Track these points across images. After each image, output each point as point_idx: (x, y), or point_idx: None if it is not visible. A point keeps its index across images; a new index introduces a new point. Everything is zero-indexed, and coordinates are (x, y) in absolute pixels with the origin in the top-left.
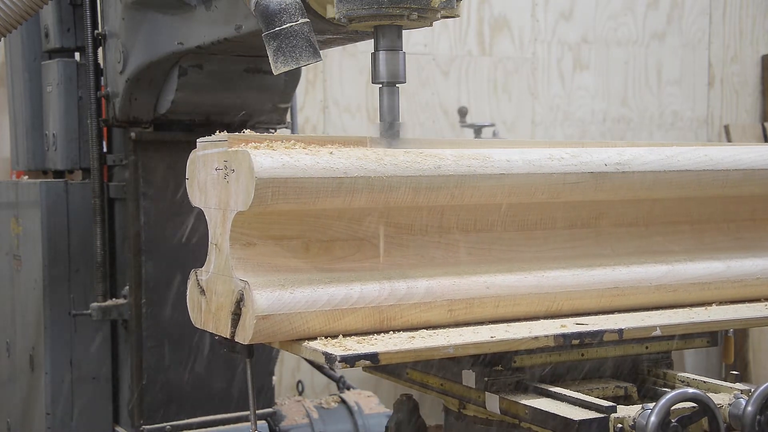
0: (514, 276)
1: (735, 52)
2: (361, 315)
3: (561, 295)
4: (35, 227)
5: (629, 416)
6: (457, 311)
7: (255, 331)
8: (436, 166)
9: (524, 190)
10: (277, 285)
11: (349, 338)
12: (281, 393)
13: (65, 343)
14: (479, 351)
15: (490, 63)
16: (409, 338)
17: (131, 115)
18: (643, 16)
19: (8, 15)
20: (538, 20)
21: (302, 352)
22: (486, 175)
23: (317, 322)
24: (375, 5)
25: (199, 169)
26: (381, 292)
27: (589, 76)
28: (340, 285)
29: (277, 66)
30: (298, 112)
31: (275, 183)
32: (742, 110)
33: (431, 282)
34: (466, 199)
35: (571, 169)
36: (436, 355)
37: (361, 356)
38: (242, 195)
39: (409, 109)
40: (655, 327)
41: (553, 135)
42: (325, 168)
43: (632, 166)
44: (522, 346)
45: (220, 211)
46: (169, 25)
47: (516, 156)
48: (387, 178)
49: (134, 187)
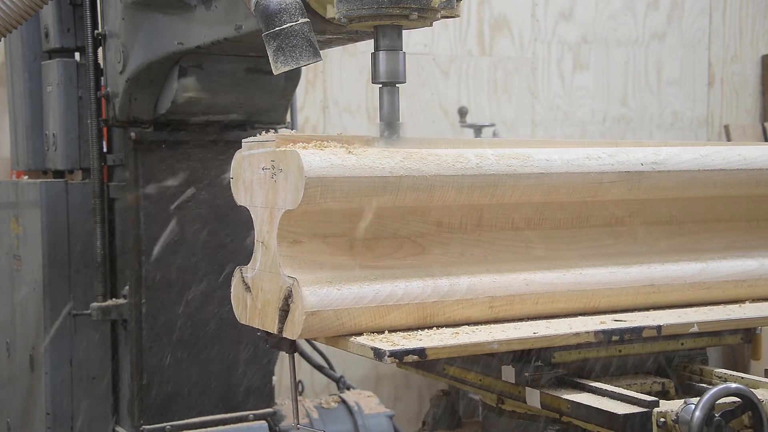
0: (552, 273)
1: (735, 52)
2: (405, 311)
3: (598, 292)
4: (35, 227)
5: (672, 411)
6: (497, 308)
7: (304, 327)
8: (477, 165)
9: (563, 189)
10: (324, 282)
11: (394, 334)
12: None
13: (65, 343)
14: (522, 346)
15: (490, 63)
16: (453, 334)
17: (131, 115)
18: (643, 16)
19: (8, 15)
20: (538, 20)
21: (349, 348)
22: (526, 175)
23: (364, 318)
24: (375, 5)
25: (244, 169)
26: (424, 289)
27: (589, 76)
28: (385, 282)
29: (277, 66)
30: (298, 112)
31: (324, 182)
32: (742, 110)
33: (473, 279)
34: (506, 197)
35: (609, 169)
36: (481, 350)
37: (409, 351)
38: (291, 194)
39: (409, 109)
40: (693, 323)
41: (553, 135)
42: (371, 167)
43: (668, 165)
44: (563, 342)
45: (267, 210)
46: (169, 25)
47: (555, 155)
48: (431, 177)
49: (134, 187)
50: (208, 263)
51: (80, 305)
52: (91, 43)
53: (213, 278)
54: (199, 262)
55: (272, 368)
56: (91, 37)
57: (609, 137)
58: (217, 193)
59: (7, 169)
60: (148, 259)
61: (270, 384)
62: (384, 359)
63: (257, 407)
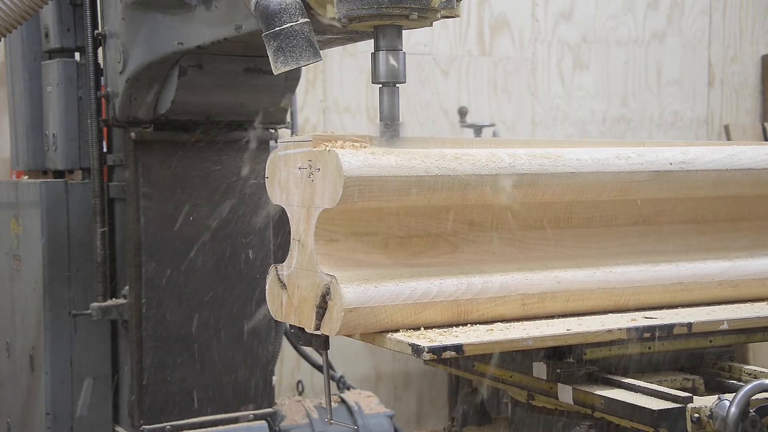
0: (583, 272)
1: (735, 52)
2: (440, 308)
3: (628, 290)
4: (35, 227)
5: (706, 406)
6: (530, 305)
7: (342, 324)
8: (511, 164)
9: (593, 188)
10: (362, 279)
11: (430, 330)
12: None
13: (65, 343)
14: (557, 343)
15: (490, 63)
16: (487, 331)
17: (131, 115)
18: (643, 16)
19: (8, 15)
20: (538, 20)
21: (386, 344)
22: (558, 174)
23: (400, 315)
24: (375, 5)
25: (280, 169)
26: (459, 286)
27: (589, 76)
28: (421, 280)
29: (277, 66)
30: (298, 112)
31: (361, 181)
32: (742, 110)
33: (505, 277)
34: (538, 196)
35: (638, 168)
36: (516, 346)
37: (447, 347)
38: (329, 193)
39: (409, 109)
40: (723, 321)
41: (553, 135)
42: (407, 167)
43: (695, 164)
44: (596, 339)
45: (303, 209)
46: (169, 25)
47: (585, 155)
48: (465, 176)
49: (134, 187)
50: (208, 263)
51: (80, 305)
52: (91, 43)
53: (213, 278)
54: (199, 261)
55: (272, 368)
56: (91, 37)
57: (609, 137)
58: (217, 192)
59: (7, 169)
60: (148, 259)
61: (270, 384)
62: (422, 355)
63: (257, 407)
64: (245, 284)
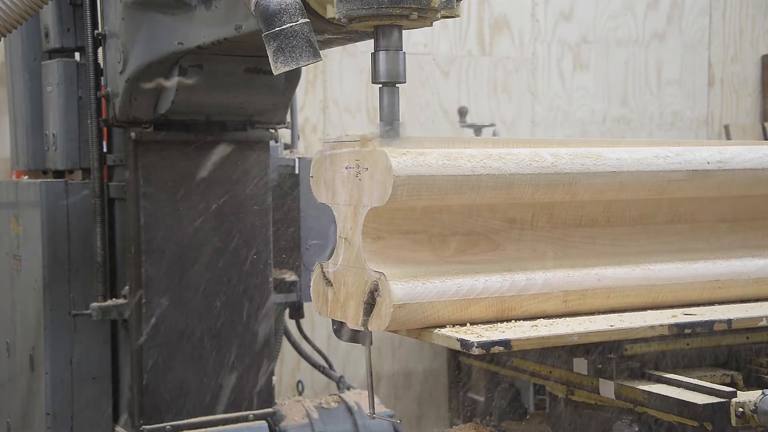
0: (622, 269)
1: (735, 52)
2: (485, 305)
3: (666, 287)
4: (35, 227)
5: (750, 401)
6: (571, 302)
7: (391, 320)
8: (553, 164)
9: (633, 186)
10: (409, 276)
11: (476, 326)
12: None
13: (65, 343)
14: (601, 339)
15: (490, 63)
16: (532, 327)
17: (131, 115)
18: (643, 16)
19: (8, 15)
20: (538, 20)
21: (434, 339)
22: (599, 173)
23: (446, 311)
24: (375, 5)
25: (326, 168)
26: (503, 283)
27: (589, 76)
28: (466, 276)
29: (277, 66)
30: (298, 112)
31: (410, 180)
32: (742, 110)
33: (548, 274)
34: (579, 195)
35: (676, 167)
36: (562, 342)
37: (495, 343)
38: (377, 192)
39: (409, 109)
40: (761, 317)
41: (553, 135)
42: (454, 166)
43: (732, 164)
44: (639, 335)
45: (350, 207)
46: (169, 25)
47: (625, 154)
48: (509, 175)
49: (134, 187)
50: (208, 263)
51: (80, 305)
52: (91, 43)
53: (213, 278)
54: (199, 261)
55: (272, 368)
56: (91, 37)
57: (609, 137)
58: (217, 193)
59: (7, 169)
60: (148, 259)
61: (270, 384)
62: (472, 350)
63: (257, 407)
64: (245, 284)
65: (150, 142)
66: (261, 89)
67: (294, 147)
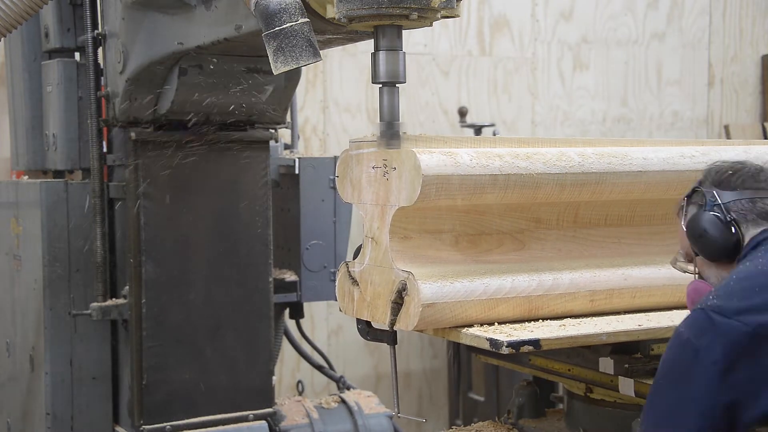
0: (648, 269)
1: (735, 52)
2: (512, 304)
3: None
4: (35, 227)
5: None
6: (597, 301)
7: (420, 319)
8: (580, 163)
9: (659, 186)
10: (437, 275)
11: (503, 326)
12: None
13: (65, 343)
14: (629, 338)
15: (490, 63)
16: (560, 326)
17: (131, 115)
18: (643, 16)
19: (8, 15)
20: (538, 20)
21: (462, 338)
22: (625, 173)
23: (474, 310)
24: (375, 5)
25: (352, 168)
26: (530, 283)
27: (589, 76)
28: (494, 276)
29: (277, 66)
30: (298, 112)
31: (439, 180)
32: (742, 110)
33: (574, 274)
34: (605, 194)
35: (702, 167)
36: (591, 341)
37: (525, 342)
38: (406, 191)
39: (409, 109)
40: None
41: (553, 135)
42: (482, 166)
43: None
44: (666, 335)
45: (378, 207)
46: (169, 25)
47: (651, 154)
48: (537, 175)
49: (134, 187)
50: (208, 263)
51: (80, 305)
52: (91, 43)
53: (213, 278)
54: (199, 261)
55: (272, 368)
56: (91, 37)
57: (609, 137)
58: (217, 193)
59: (7, 169)
60: (148, 259)
61: (270, 384)
62: (502, 349)
63: (257, 407)
64: (245, 284)
65: (150, 142)
66: (261, 89)
67: (294, 147)
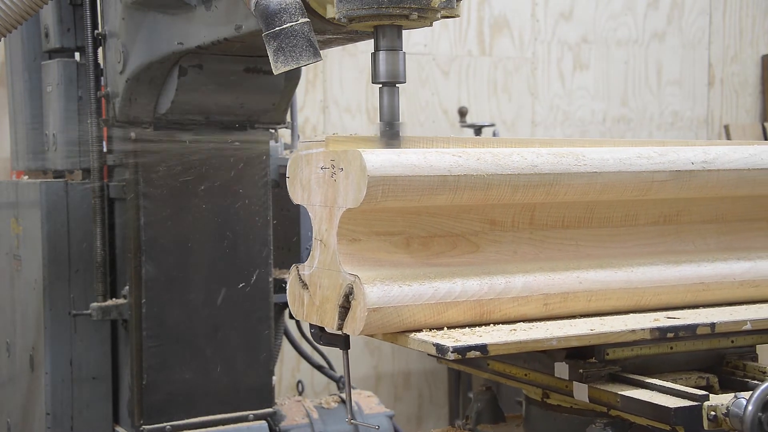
0: (604, 272)
1: (735, 52)
2: (462, 308)
3: (649, 290)
4: (35, 227)
5: (722, 404)
6: (552, 305)
7: (366, 324)
8: (533, 164)
9: (615, 187)
10: (385, 279)
11: (453, 330)
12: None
13: (65, 343)
14: (581, 343)
15: (490, 63)
16: (510, 331)
17: (131, 115)
18: (643, 16)
19: (8, 15)
20: (538, 20)
21: (410, 344)
22: (580, 173)
23: (423, 315)
24: (375, 5)
25: (301, 168)
26: (481, 286)
27: (589, 76)
28: (444, 279)
29: (277, 66)
30: (298, 112)
31: (385, 181)
32: (742, 110)
33: (527, 277)
34: (560, 196)
35: (660, 167)
36: (541, 346)
37: (472, 347)
38: (352, 192)
39: (409, 109)
40: (746, 321)
41: (553, 135)
42: (431, 166)
43: (717, 164)
44: (620, 339)
45: (326, 209)
46: (169, 25)
47: (608, 154)
48: (488, 176)
49: (134, 187)
50: (208, 263)
51: (80, 305)
52: (91, 43)
53: (213, 278)
54: (199, 261)
55: (272, 368)
56: (91, 37)
57: (609, 137)
58: (217, 192)
59: (7, 169)
60: (148, 259)
61: (270, 384)
62: (447, 355)
63: (257, 407)
64: (245, 284)
65: (150, 142)
66: (261, 89)
67: (294, 147)
